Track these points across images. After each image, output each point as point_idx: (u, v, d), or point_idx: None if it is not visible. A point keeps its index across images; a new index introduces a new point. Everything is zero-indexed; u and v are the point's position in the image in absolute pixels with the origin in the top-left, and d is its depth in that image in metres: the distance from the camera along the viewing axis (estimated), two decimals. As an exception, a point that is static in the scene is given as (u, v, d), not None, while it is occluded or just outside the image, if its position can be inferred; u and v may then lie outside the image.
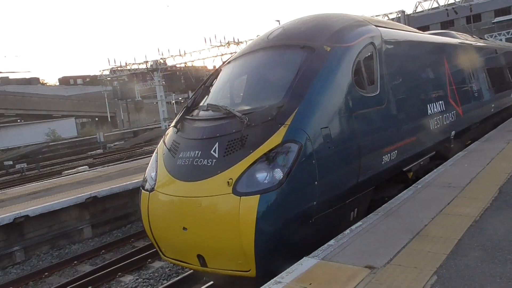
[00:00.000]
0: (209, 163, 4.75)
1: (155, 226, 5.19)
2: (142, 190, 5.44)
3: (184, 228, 4.70)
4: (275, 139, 4.59)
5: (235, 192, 4.41)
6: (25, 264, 8.68)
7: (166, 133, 5.80)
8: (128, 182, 10.81)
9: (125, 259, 8.12)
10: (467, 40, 11.85)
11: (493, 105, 12.08)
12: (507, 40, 44.14)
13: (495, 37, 45.20)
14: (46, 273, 8.02)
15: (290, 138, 4.58)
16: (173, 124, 5.70)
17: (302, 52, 5.48)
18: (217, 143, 4.84)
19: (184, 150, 5.11)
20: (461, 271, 3.40)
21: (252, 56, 6.13)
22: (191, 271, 6.40)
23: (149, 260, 7.98)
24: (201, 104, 5.89)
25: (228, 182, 4.47)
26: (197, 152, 4.93)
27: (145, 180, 5.54)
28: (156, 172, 5.36)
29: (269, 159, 4.50)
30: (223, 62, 6.93)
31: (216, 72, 6.55)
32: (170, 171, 5.10)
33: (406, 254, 3.82)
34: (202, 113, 5.61)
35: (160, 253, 5.47)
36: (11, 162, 28.06)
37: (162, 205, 5.04)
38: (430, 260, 3.63)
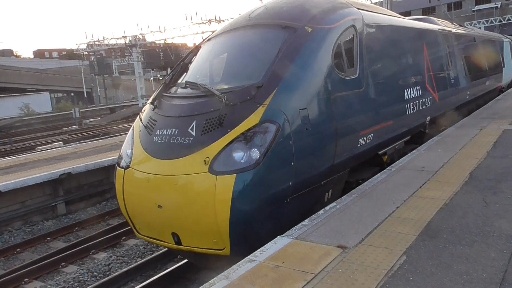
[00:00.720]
0: (186, 141, 4.71)
1: (130, 203, 5.15)
2: (117, 167, 5.37)
3: (159, 206, 4.69)
4: (253, 119, 4.58)
5: (211, 171, 4.40)
6: (-4, 239, 8.52)
7: (143, 109, 5.72)
8: (104, 159, 10.64)
9: (99, 236, 8.05)
10: (446, 27, 11.96)
11: (468, 92, 12.31)
12: (486, 28, 44.83)
13: (474, 25, 45.82)
14: (18, 249, 7.88)
15: (268, 118, 4.58)
16: (150, 101, 5.61)
17: (284, 32, 5.44)
18: (194, 122, 4.80)
19: (160, 127, 5.05)
20: (430, 252, 3.50)
21: (233, 34, 6.05)
22: (166, 249, 6.42)
23: (124, 238, 7.93)
24: (179, 81, 5.81)
25: (205, 160, 4.46)
26: (174, 130, 4.88)
27: (120, 157, 5.47)
28: (132, 149, 5.30)
29: (247, 138, 4.50)
30: (203, 39, 6.82)
31: (195, 49, 6.45)
32: (146, 148, 5.05)
33: (377, 234, 3.90)
34: (180, 90, 5.54)
35: (135, 231, 5.45)
36: (-18, 136, 27.29)
37: (138, 183, 5.00)
38: (400, 241, 3.72)
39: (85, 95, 59.47)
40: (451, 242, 3.64)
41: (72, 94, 62.75)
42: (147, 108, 5.62)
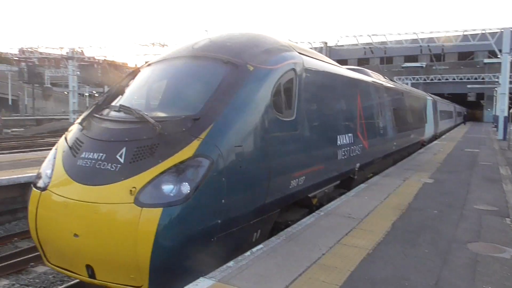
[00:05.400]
0: (113, 168, 4.45)
1: (42, 228, 4.73)
2: (33, 188, 4.94)
3: (76, 235, 4.33)
4: (187, 152, 4.44)
5: (137, 202, 4.16)
6: None
7: (70, 129, 5.37)
8: (20, 175, 9.85)
9: (3, 260, 7.30)
10: (379, 79, 12.72)
11: (395, 143, 13.04)
12: (412, 85, 48.62)
13: (403, 80, 49.44)
14: None
15: (202, 153, 4.47)
16: (78, 120, 5.29)
17: (225, 67, 5.43)
18: (124, 148, 4.56)
19: (87, 150, 4.75)
20: (351, 304, 3.50)
21: (174, 62, 5.95)
22: (77, 280, 5.93)
23: (32, 263, 7.26)
24: (113, 103, 5.56)
25: (131, 190, 4.22)
26: (101, 154, 4.60)
27: (38, 177, 5.05)
28: (53, 170, 4.92)
29: (178, 171, 4.33)
30: (143, 64, 6.63)
31: (134, 73, 6.25)
32: (68, 170, 4.70)
33: (301, 282, 3.86)
34: (113, 113, 5.28)
35: (44, 259, 4.99)
36: None
37: (54, 207, 4.61)
38: (323, 290, 3.70)
39: (10, 103, 55.69)
40: (371, 294, 3.68)
41: (-5, 100, 58.49)
42: (74, 128, 5.28)
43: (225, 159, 4.62)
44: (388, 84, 13.99)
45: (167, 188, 4.26)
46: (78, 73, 41.44)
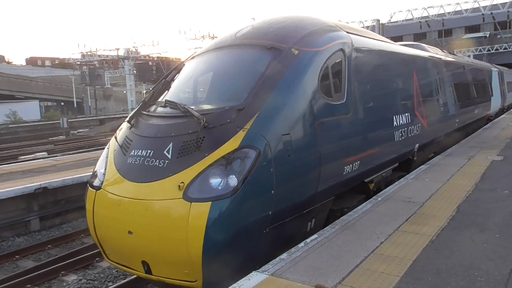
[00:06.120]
0: (161, 164, 4.45)
1: (99, 227, 4.86)
2: (89, 187, 5.08)
3: (130, 232, 4.39)
4: (232, 144, 4.34)
5: (186, 197, 4.13)
6: (-37, 255, 8.08)
7: (120, 128, 5.46)
8: (83, 174, 10.31)
9: (72, 256, 7.67)
10: (437, 54, 11.94)
11: (457, 120, 12.24)
12: (475, 57, 45.58)
13: (464, 53, 46.52)
14: (-17, 267, 7.49)
15: (248, 144, 4.34)
16: (127, 119, 5.36)
17: (269, 53, 5.25)
18: (171, 143, 4.54)
19: (136, 148, 4.79)
20: (413, 297, 3.25)
21: (217, 53, 5.85)
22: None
23: (97, 258, 7.57)
24: (159, 99, 5.57)
25: (179, 186, 4.20)
26: (149, 151, 4.62)
27: (94, 176, 5.18)
28: (106, 169, 5.02)
29: (225, 164, 4.24)
30: (188, 57, 6.60)
31: (178, 67, 6.23)
32: (120, 169, 4.77)
33: (359, 274, 3.65)
34: (159, 109, 5.30)
35: (104, 256, 5.14)
36: (-36, 143, 26.64)
37: (108, 206, 4.71)
38: (382, 283, 3.46)
39: (75, 105, 58.97)
40: (436, 286, 3.39)
41: (62, 103, 62.17)
42: (124, 126, 5.36)
43: (273, 148, 4.47)
44: (447, 58, 13.10)
45: (215, 181, 4.19)
46: (134, 71, 42.90)
